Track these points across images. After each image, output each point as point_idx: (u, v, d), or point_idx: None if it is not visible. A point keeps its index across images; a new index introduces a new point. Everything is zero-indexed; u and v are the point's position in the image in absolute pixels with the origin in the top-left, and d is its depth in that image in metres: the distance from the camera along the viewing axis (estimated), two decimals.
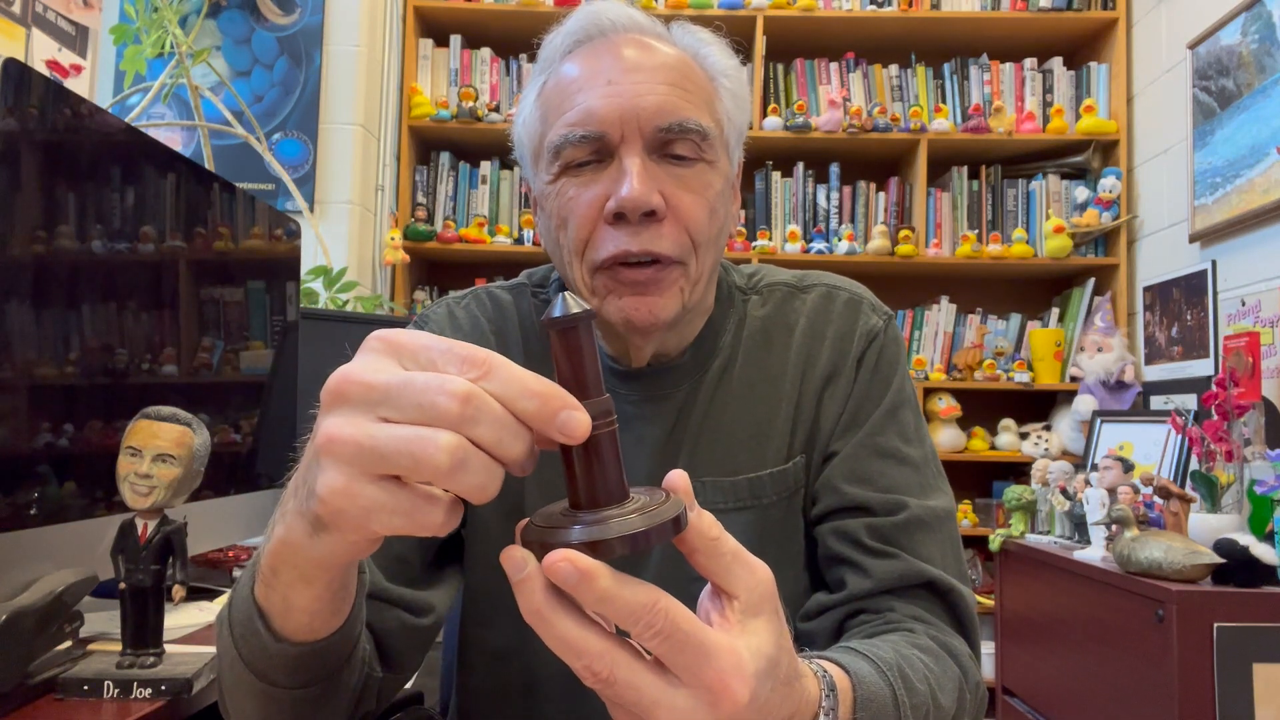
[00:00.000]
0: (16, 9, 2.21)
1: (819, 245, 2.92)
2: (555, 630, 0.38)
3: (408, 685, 0.79)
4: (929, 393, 2.88)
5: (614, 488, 0.40)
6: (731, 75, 0.77)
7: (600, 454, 0.39)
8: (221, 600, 1.07)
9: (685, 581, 0.44)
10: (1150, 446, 2.32)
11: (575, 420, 0.38)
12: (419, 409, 0.36)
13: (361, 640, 0.60)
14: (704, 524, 0.41)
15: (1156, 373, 2.64)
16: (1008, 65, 3.00)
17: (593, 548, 0.37)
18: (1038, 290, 3.10)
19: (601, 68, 0.71)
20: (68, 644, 0.80)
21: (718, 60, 0.77)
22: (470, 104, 2.89)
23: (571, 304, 0.39)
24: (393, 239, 2.76)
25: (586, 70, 0.72)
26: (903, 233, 2.87)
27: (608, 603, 0.37)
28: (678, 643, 0.38)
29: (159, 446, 0.73)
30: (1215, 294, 2.36)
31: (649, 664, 0.39)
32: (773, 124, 2.89)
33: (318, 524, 0.42)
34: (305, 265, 1.89)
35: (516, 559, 0.38)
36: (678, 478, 0.42)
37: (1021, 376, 2.84)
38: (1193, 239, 2.47)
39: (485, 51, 3.00)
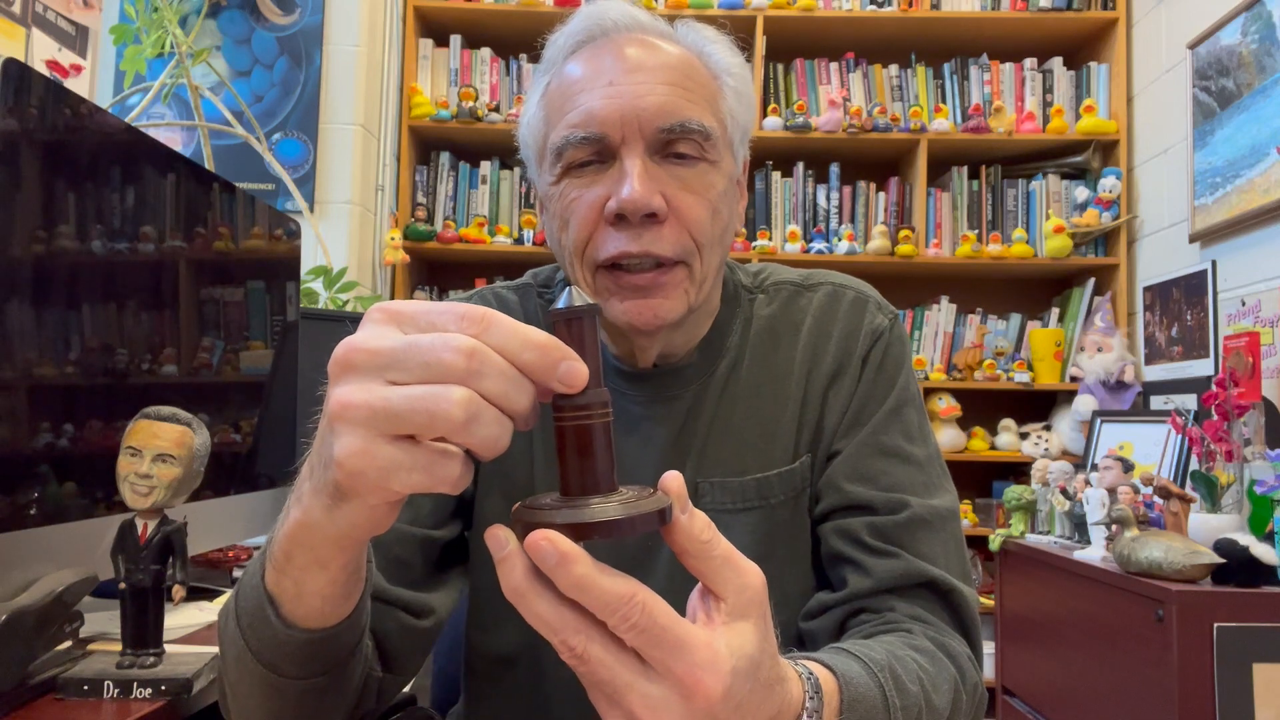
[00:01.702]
0: (16, 9, 2.21)
1: (819, 245, 2.92)
2: (533, 608, 0.39)
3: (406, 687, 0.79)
4: (929, 393, 2.88)
5: (603, 478, 0.41)
6: (735, 73, 0.77)
7: (593, 444, 0.40)
8: (222, 600, 1.07)
9: (693, 585, 0.44)
10: (1150, 446, 2.32)
11: (575, 370, 0.39)
12: (426, 367, 0.38)
13: (365, 634, 0.60)
14: (695, 526, 0.42)
15: (1156, 373, 2.64)
16: (1008, 65, 3.00)
17: (569, 530, 0.38)
18: (1038, 290, 3.10)
19: (603, 68, 0.71)
20: (68, 644, 0.80)
21: (721, 59, 0.77)
22: (470, 104, 2.89)
23: (576, 298, 0.41)
24: (393, 239, 2.76)
25: (588, 71, 0.72)
26: (903, 233, 2.87)
27: (584, 590, 0.38)
28: (654, 636, 0.39)
29: (159, 446, 0.73)
30: (1215, 294, 2.36)
31: (625, 648, 0.40)
32: (773, 124, 2.89)
33: (337, 493, 0.42)
34: (305, 265, 1.89)
35: (499, 538, 0.40)
36: (672, 479, 0.43)
37: (1021, 376, 2.84)
38: (1193, 239, 2.47)
39: (485, 51, 3.00)
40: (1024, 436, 2.86)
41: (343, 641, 0.56)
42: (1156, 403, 2.59)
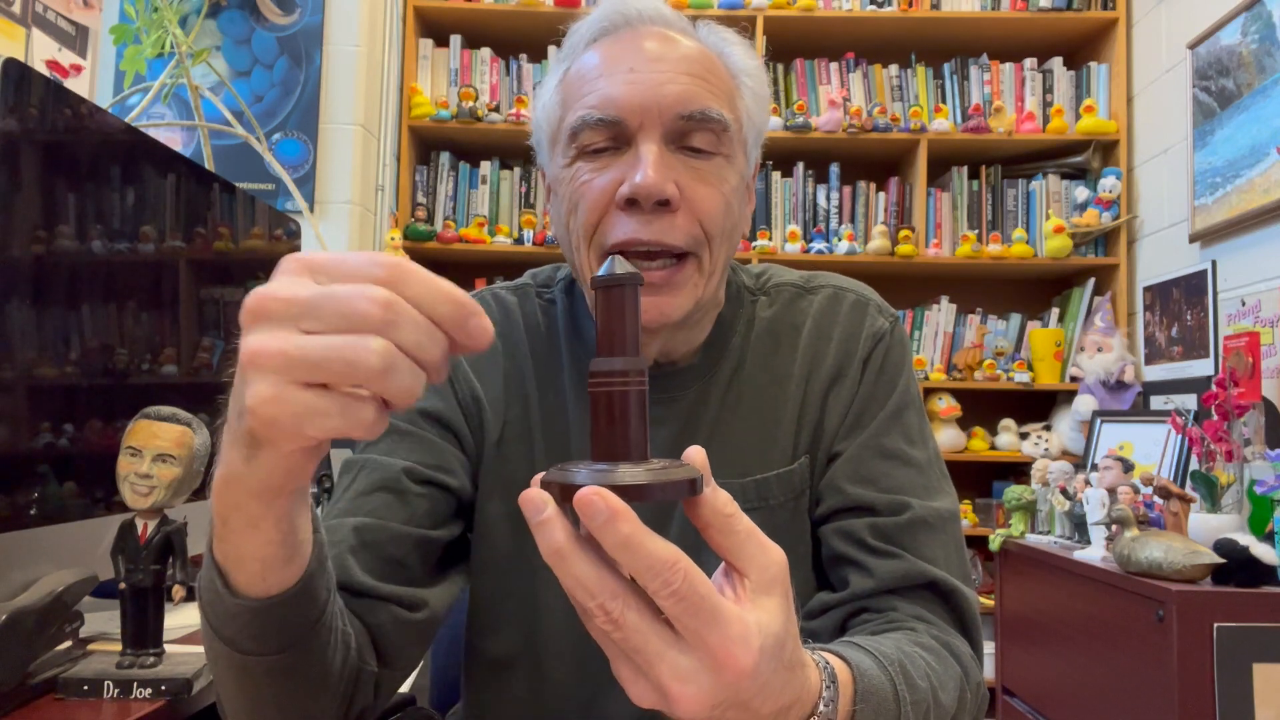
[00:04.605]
0: (16, 9, 2.21)
1: (819, 245, 2.92)
2: (574, 570, 0.39)
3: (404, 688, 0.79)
4: (929, 393, 2.88)
5: (635, 446, 0.41)
6: (754, 75, 0.77)
7: (627, 410, 0.41)
8: None
9: (702, 567, 0.44)
10: (1150, 446, 2.32)
11: (482, 327, 0.40)
12: (342, 317, 0.38)
13: (332, 610, 0.59)
14: (719, 500, 0.42)
15: (1156, 373, 2.64)
16: (1008, 65, 3.00)
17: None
18: (1038, 290, 3.10)
19: (624, 56, 0.72)
20: (68, 644, 0.80)
21: (740, 59, 0.77)
22: (470, 104, 2.89)
23: (618, 266, 0.41)
24: (393, 239, 2.76)
25: (609, 58, 0.72)
26: (903, 233, 2.87)
27: (630, 550, 0.38)
28: (691, 605, 0.39)
29: (159, 446, 0.73)
30: (1215, 294, 2.36)
31: (660, 618, 0.40)
32: (773, 124, 2.89)
33: (253, 442, 0.42)
34: None
35: (536, 500, 0.40)
36: (695, 453, 0.43)
37: (1021, 376, 2.84)
38: (1193, 239, 2.47)
39: (485, 51, 3.00)
40: (1024, 436, 2.86)
41: (294, 615, 0.54)
42: (1156, 403, 2.59)
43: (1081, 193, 2.87)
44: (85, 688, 0.73)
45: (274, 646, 0.55)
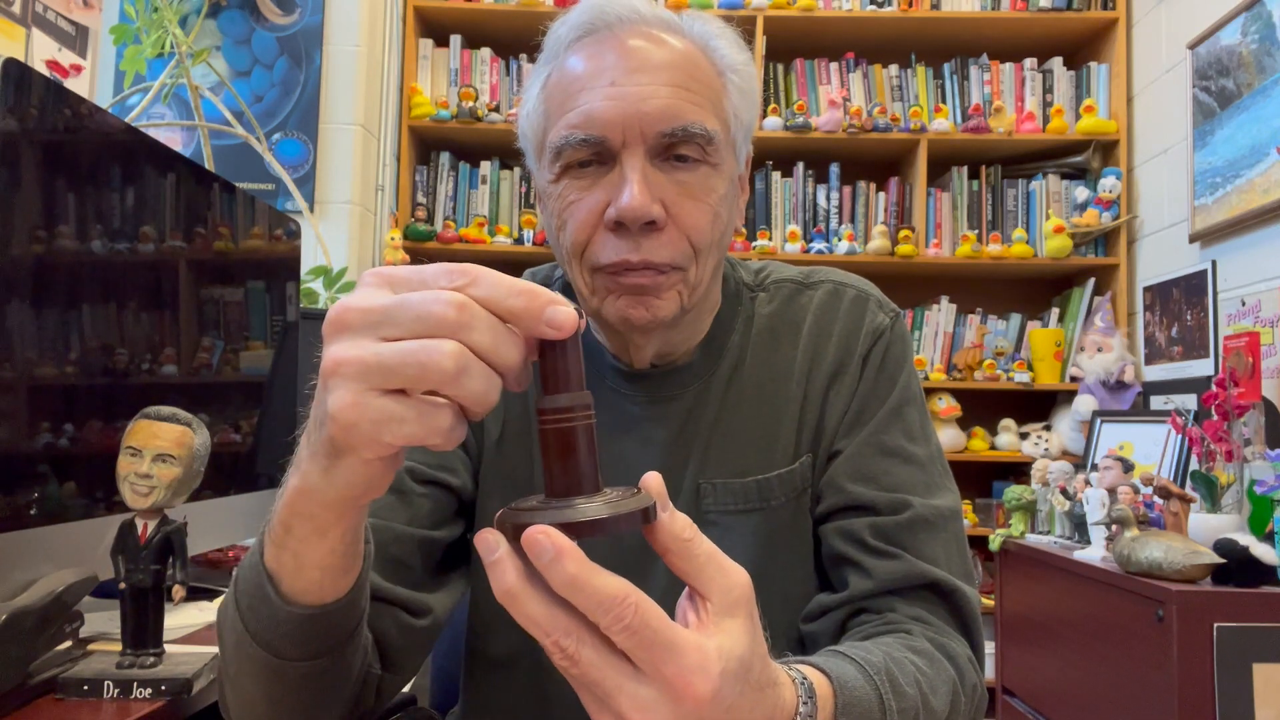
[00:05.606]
0: (16, 9, 2.21)
1: (819, 245, 2.92)
2: (525, 609, 0.39)
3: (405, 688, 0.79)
4: (929, 393, 2.88)
5: (586, 480, 0.41)
6: (740, 70, 0.75)
7: (575, 445, 0.41)
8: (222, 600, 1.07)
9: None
10: (1150, 446, 2.32)
11: (562, 313, 0.40)
12: (418, 320, 0.39)
13: (365, 619, 0.60)
14: (677, 525, 0.42)
15: (1156, 373, 2.64)
16: (1008, 65, 3.00)
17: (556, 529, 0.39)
18: (1038, 290, 3.10)
19: (605, 66, 0.70)
20: (68, 644, 0.80)
21: (726, 54, 0.75)
22: (470, 104, 2.89)
23: None
24: (393, 239, 2.76)
25: (590, 68, 0.71)
26: (903, 233, 2.87)
27: (577, 588, 0.38)
28: (644, 638, 0.39)
29: (159, 446, 0.73)
30: (1215, 294, 2.36)
31: (616, 651, 0.40)
32: (773, 124, 2.89)
33: (333, 450, 0.43)
34: (305, 265, 1.89)
35: (489, 541, 0.40)
36: (652, 479, 0.43)
37: (1021, 376, 2.84)
38: (1193, 239, 2.47)
39: (485, 51, 3.00)
40: (1024, 436, 2.86)
41: (341, 622, 0.55)
42: (1156, 403, 2.59)
43: (1081, 193, 2.87)
44: (85, 688, 0.73)
45: (313, 652, 0.56)
